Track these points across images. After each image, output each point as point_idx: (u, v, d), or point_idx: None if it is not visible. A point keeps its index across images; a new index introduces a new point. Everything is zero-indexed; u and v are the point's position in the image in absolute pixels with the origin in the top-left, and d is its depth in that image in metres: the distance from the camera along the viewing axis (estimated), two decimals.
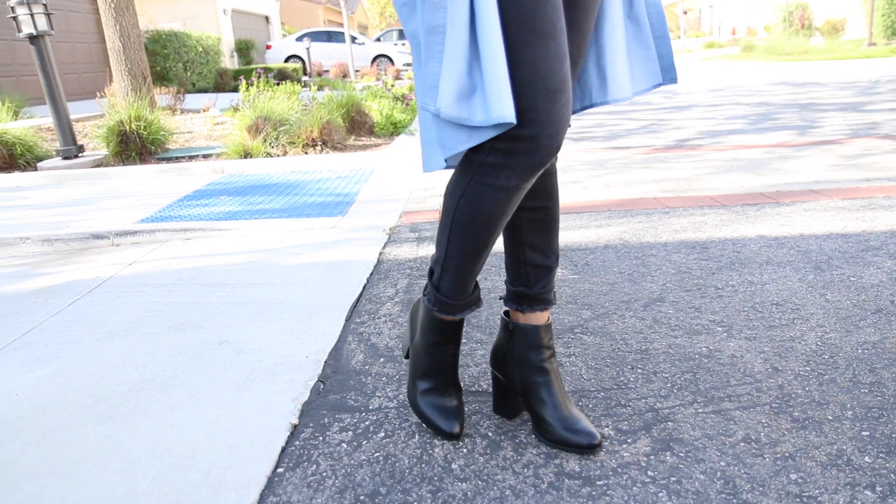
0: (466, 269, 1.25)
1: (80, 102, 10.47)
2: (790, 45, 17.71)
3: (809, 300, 1.93)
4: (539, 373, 1.30)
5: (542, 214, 1.30)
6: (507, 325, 1.36)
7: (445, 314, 1.31)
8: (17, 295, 2.46)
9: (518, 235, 1.31)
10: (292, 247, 2.80)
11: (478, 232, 1.19)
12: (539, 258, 1.31)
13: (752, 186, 3.43)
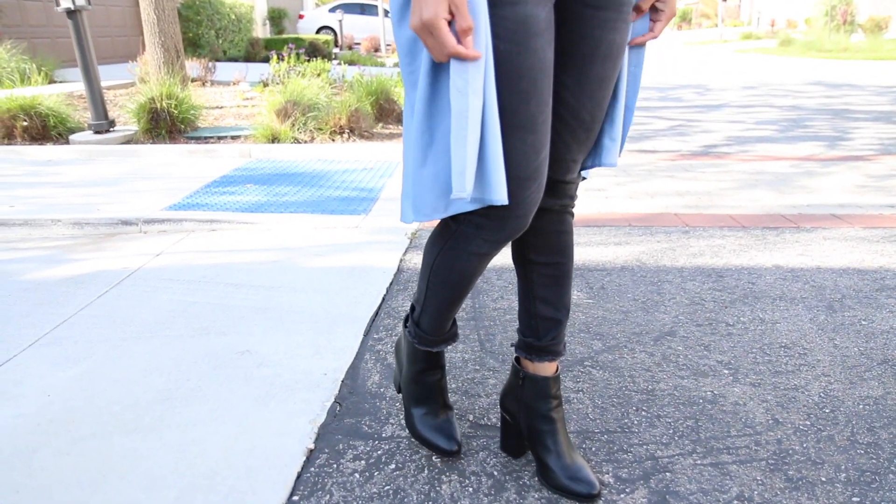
0: (443, 313, 1.38)
1: (112, 66, 10.57)
2: (830, 42, 17.33)
3: (818, 344, 1.96)
4: (545, 421, 1.37)
5: (555, 270, 1.35)
6: (517, 371, 1.41)
7: (425, 346, 1.44)
8: (48, 283, 2.55)
9: (531, 289, 1.37)
10: (315, 247, 2.86)
11: (452, 286, 1.32)
12: (549, 311, 1.37)
13: (775, 206, 3.43)
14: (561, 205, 1.30)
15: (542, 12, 1.08)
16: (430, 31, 0.99)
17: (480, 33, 1.02)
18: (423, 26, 0.99)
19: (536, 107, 1.10)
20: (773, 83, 10.91)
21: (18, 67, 8.07)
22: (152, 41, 6.50)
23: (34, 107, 5.12)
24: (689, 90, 9.85)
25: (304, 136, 4.93)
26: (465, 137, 1.03)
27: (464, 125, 1.03)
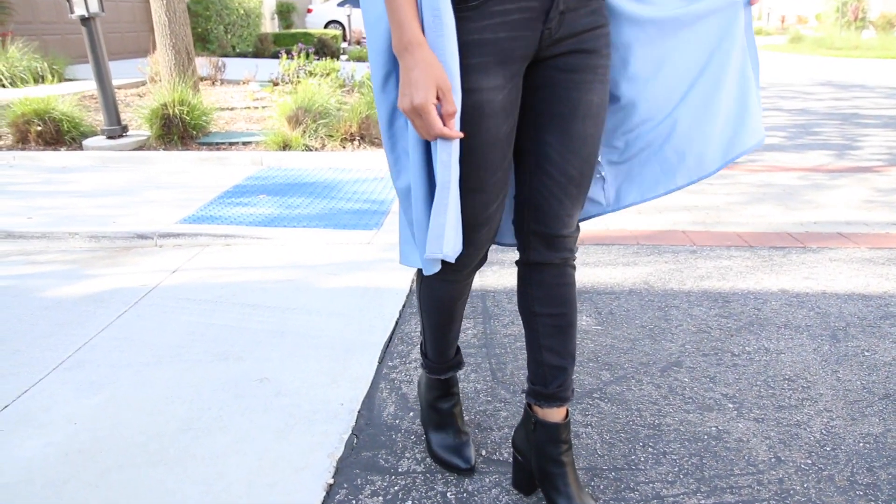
0: (441, 340, 1.59)
1: (122, 62, 10.63)
2: (840, 39, 17.24)
3: (821, 377, 2.01)
4: (556, 465, 1.43)
5: (558, 321, 1.41)
6: (529, 416, 1.48)
7: (435, 374, 1.65)
8: (69, 301, 2.62)
9: (536, 339, 1.44)
10: (328, 265, 2.92)
11: (439, 312, 1.52)
12: (555, 360, 1.43)
13: (782, 223, 3.47)
14: (561, 258, 1.37)
15: (497, 97, 1.20)
16: (419, 114, 1.09)
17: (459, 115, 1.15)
18: (414, 110, 1.09)
19: (486, 173, 1.25)
20: (782, 83, 10.89)
21: (30, 66, 8.14)
22: (163, 43, 6.54)
23: (48, 111, 5.18)
24: None
25: (315, 142, 4.97)
26: (447, 205, 1.14)
27: (446, 195, 1.14)
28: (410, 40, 1.09)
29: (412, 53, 1.09)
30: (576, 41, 1.23)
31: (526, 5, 1.17)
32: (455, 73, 1.12)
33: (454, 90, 1.11)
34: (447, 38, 1.11)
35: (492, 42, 1.17)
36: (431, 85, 1.08)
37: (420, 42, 1.10)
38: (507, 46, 1.18)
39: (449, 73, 1.11)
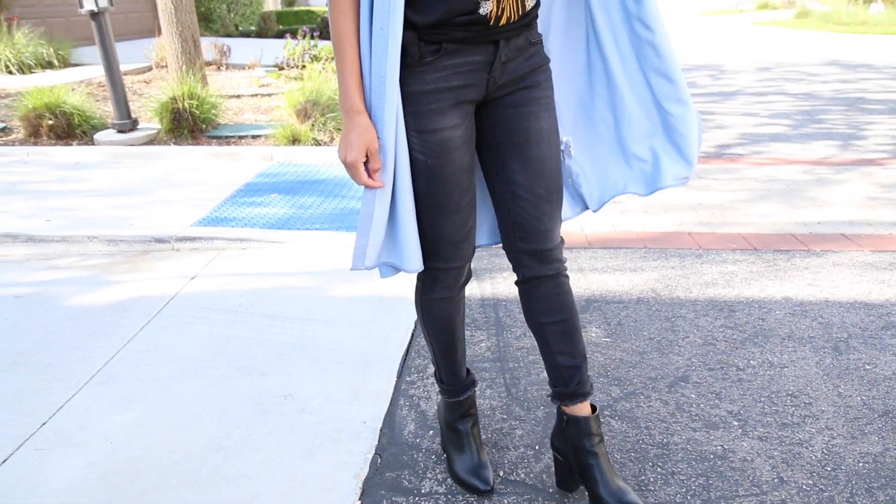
0: (451, 361, 1.71)
1: (127, 44, 10.58)
2: (847, 14, 17.07)
3: (822, 393, 2.09)
4: (591, 456, 1.57)
5: (563, 326, 1.57)
6: (561, 415, 1.63)
7: (452, 397, 1.75)
8: (93, 310, 2.70)
9: (548, 346, 1.60)
10: (343, 271, 2.99)
11: (443, 333, 1.66)
12: (568, 361, 1.58)
13: (785, 223, 3.53)
14: (553, 269, 1.54)
15: (457, 132, 1.41)
16: (351, 168, 1.35)
17: (388, 169, 1.36)
18: (347, 164, 1.35)
19: (458, 196, 1.46)
20: (788, 63, 10.84)
21: (36, 53, 8.14)
22: (170, 31, 6.54)
23: (59, 105, 5.22)
24: (703, 73, 9.82)
25: (324, 136, 5.02)
26: (369, 232, 1.40)
27: (367, 225, 1.40)
28: (351, 107, 1.33)
29: (351, 119, 1.33)
30: (518, 81, 1.43)
31: (472, 59, 1.37)
32: (387, 139, 1.34)
33: (382, 150, 1.35)
34: (387, 105, 1.31)
35: (446, 90, 1.37)
36: (363, 147, 1.33)
37: (359, 110, 1.33)
38: (459, 92, 1.39)
39: (381, 138, 1.34)
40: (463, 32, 1.32)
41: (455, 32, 1.32)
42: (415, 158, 1.41)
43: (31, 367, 2.31)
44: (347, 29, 1.31)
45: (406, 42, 1.31)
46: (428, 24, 1.30)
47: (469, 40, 1.34)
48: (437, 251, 1.51)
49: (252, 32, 13.25)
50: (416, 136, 1.39)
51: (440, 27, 1.31)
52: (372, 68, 1.30)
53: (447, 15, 1.29)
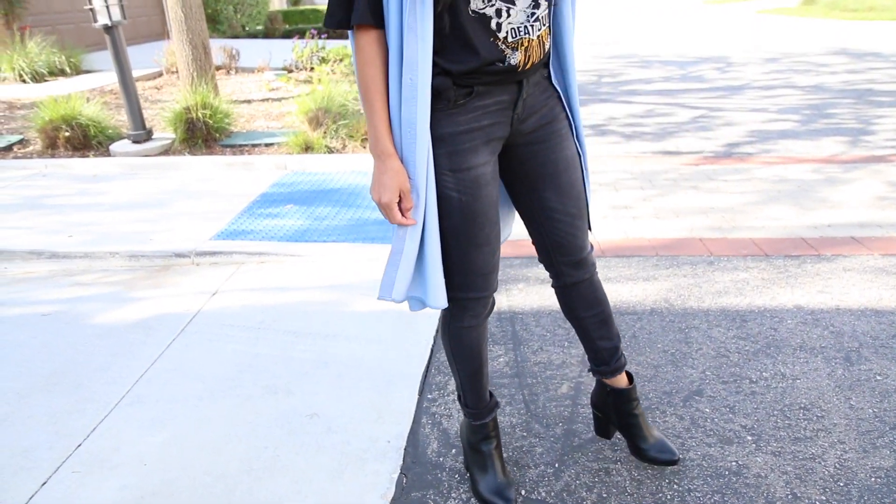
0: (478, 385, 1.79)
1: (136, 48, 10.65)
2: (854, 1, 16.95)
3: (834, 405, 2.14)
4: (632, 417, 1.86)
5: (600, 316, 1.79)
6: (603, 386, 1.89)
7: (476, 420, 1.83)
8: (119, 328, 2.78)
9: (588, 333, 1.81)
10: (361, 284, 3.06)
11: (471, 359, 1.74)
12: (607, 343, 1.82)
13: (796, 227, 3.56)
14: (588, 273, 1.74)
15: (488, 169, 1.51)
16: (385, 208, 1.43)
17: (419, 208, 1.45)
18: (381, 205, 1.44)
19: (489, 229, 1.55)
20: (795, 53, 10.81)
21: (49, 61, 8.23)
22: (180, 38, 6.59)
23: (75, 117, 5.30)
24: (710, 65, 9.80)
25: (336, 143, 5.08)
26: (398, 266, 1.49)
27: (397, 259, 1.49)
28: (383, 151, 1.41)
29: (384, 162, 1.41)
30: (537, 116, 1.55)
31: (500, 99, 1.47)
32: (419, 179, 1.42)
33: (414, 189, 1.43)
34: (418, 148, 1.40)
35: (478, 129, 1.47)
36: (396, 189, 1.41)
37: (390, 153, 1.41)
38: (489, 131, 1.49)
39: (413, 179, 1.42)
40: (493, 77, 1.42)
41: (486, 77, 1.42)
42: (448, 196, 1.48)
43: (64, 387, 2.39)
44: (375, 78, 1.38)
45: (441, 87, 1.39)
46: (462, 73, 1.39)
47: (498, 83, 1.44)
48: (467, 282, 1.59)
49: (259, 33, 13.29)
50: (451, 175, 1.47)
51: (473, 74, 1.40)
52: (402, 115, 1.38)
53: (480, 65, 1.38)
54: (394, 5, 1.31)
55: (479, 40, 1.37)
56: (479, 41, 1.37)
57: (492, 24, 1.37)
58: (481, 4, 1.35)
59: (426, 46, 1.32)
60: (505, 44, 1.39)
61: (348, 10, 1.34)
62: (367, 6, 1.32)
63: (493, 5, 1.36)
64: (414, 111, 1.36)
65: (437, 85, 1.39)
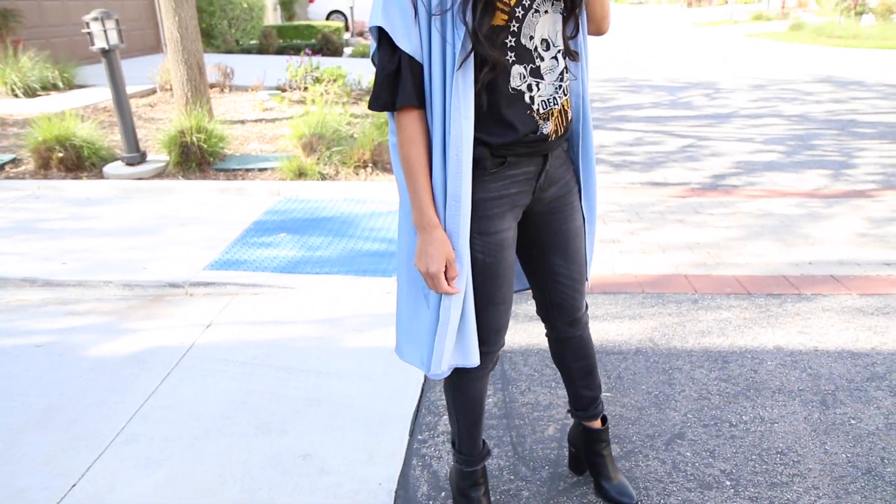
0: (475, 433, 1.88)
1: (130, 62, 10.70)
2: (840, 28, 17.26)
3: (810, 450, 2.22)
4: (600, 457, 2.01)
5: (586, 368, 1.94)
6: (579, 425, 2.05)
7: (468, 467, 1.91)
8: (113, 361, 2.82)
9: (573, 382, 1.96)
10: (353, 318, 3.12)
11: (472, 408, 1.83)
12: (588, 392, 1.97)
13: (778, 264, 3.66)
14: (580, 330, 1.88)
15: (510, 234, 1.64)
16: (432, 277, 1.49)
17: (462, 276, 1.53)
18: (428, 274, 1.49)
19: (506, 288, 1.66)
20: (782, 80, 11.01)
21: (41, 76, 8.25)
22: (176, 59, 6.65)
23: (69, 138, 5.33)
24: (699, 91, 9.97)
25: (330, 169, 5.14)
26: (445, 338, 1.55)
27: (445, 329, 1.55)
28: (429, 223, 1.48)
29: (429, 233, 1.48)
30: (556, 188, 1.68)
31: (527, 170, 1.59)
32: (462, 249, 1.51)
33: (458, 260, 1.51)
34: (462, 220, 1.49)
35: (506, 196, 1.58)
36: (443, 258, 1.48)
37: (436, 224, 1.48)
38: (515, 198, 1.60)
39: (456, 248, 1.50)
40: (526, 149, 1.54)
41: (520, 149, 1.54)
42: (474, 258, 1.59)
43: (58, 423, 2.43)
44: (419, 155, 1.46)
45: (480, 157, 1.49)
46: (500, 144, 1.50)
47: (528, 154, 1.56)
48: (480, 338, 1.68)
49: (253, 48, 13.37)
50: (478, 238, 1.57)
51: (509, 146, 1.51)
52: (448, 189, 1.46)
53: (517, 136, 1.50)
54: (437, 88, 1.40)
55: (515, 114, 1.49)
56: (515, 115, 1.49)
57: (526, 98, 1.50)
58: (518, 82, 1.48)
59: (469, 124, 1.42)
60: (538, 115, 1.52)
61: (393, 93, 1.43)
62: (413, 90, 1.41)
63: (527, 81, 1.48)
64: (459, 185, 1.45)
65: (477, 155, 1.48)
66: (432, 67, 1.40)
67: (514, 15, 1.43)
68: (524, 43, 1.46)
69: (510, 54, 1.45)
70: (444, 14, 1.36)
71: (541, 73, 1.50)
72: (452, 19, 1.36)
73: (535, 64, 1.49)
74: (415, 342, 1.67)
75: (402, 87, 1.41)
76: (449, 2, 1.35)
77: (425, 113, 1.45)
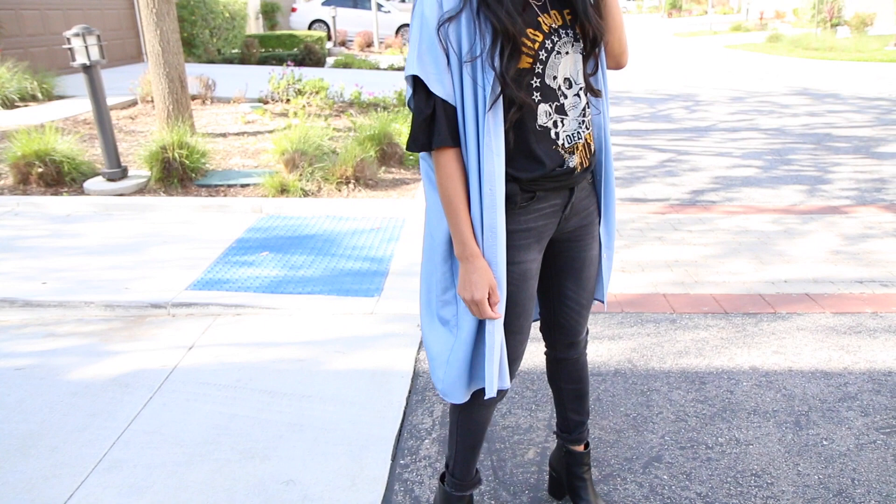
0: (472, 458, 1.91)
1: (110, 71, 10.63)
2: (816, 39, 17.57)
3: (783, 472, 2.27)
4: (580, 480, 2.06)
5: (578, 392, 2.02)
6: (562, 446, 2.09)
7: (459, 491, 1.94)
8: (95, 385, 2.82)
9: (563, 404, 2.04)
10: (336, 340, 3.14)
11: (476, 434, 1.88)
12: (576, 416, 2.05)
13: (755, 283, 3.73)
14: (579, 353, 1.97)
15: (534, 265, 1.70)
16: (476, 304, 1.56)
17: (502, 301, 1.61)
18: (473, 302, 1.56)
19: (524, 319, 1.73)
20: (760, 92, 11.18)
21: (20, 87, 8.19)
22: (157, 72, 6.64)
23: (49, 153, 5.30)
24: (678, 104, 10.10)
25: (312, 185, 5.16)
26: (492, 359, 1.61)
27: (492, 353, 1.61)
28: (471, 253, 1.56)
29: (472, 263, 1.56)
30: (579, 218, 1.76)
31: (554, 203, 1.67)
32: (501, 275, 1.58)
33: (499, 286, 1.58)
34: (499, 249, 1.56)
35: (533, 228, 1.66)
36: (486, 285, 1.55)
37: (477, 254, 1.56)
38: (542, 230, 1.68)
39: (496, 275, 1.57)
40: (554, 183, 1.63)
41: (548, 184, 1.62)
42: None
43: (40, 450, 2.42)
44: (458, 190, 1.55)
45: (511, 192, 1.58)
46: (530, 179, 1.59)
47: (555, 189, 1.64)
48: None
49: (235, 58, 13.35)
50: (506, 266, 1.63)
51: (538, 180, 1.60)
52: (484, 221, 1.55)
53: (545, 171, 1.59)
54: (471, 128, 1.50)
55: (542, 149, 1.58)
56: (542, 150, 1.58)
57: (552, 133, 1.58)
58: (544, 119, 1.57)
59: (501, 160, 1.51)
60: (563, 149, 1.60)
61: (430, 135, 1.53)
62: (448, 131, 1.51)
63: (552, 118, 1.58)
64: (494, 216, 1.53)
65: (508, 192, 1.57)
66: (465, 109, 1.50)
67: (538, 58, 1.52)
68: (548, 83, 1.56)
69: (536, 94, 1.54)
70: (475, 60, 1.46)
71: (565, 110, 1.59)
72: (482, 65, 1.46)
73: (559, 102, 1.58)
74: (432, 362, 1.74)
75: (437, 129, 1.51)
76: (478, 49, 1.45)
77: (461, 151, 1.54)
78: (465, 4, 1.44)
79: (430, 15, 1.46)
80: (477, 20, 1.45)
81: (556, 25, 1.54)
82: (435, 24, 1.45)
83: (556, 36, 1.54)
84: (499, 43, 1.45)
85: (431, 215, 1.65)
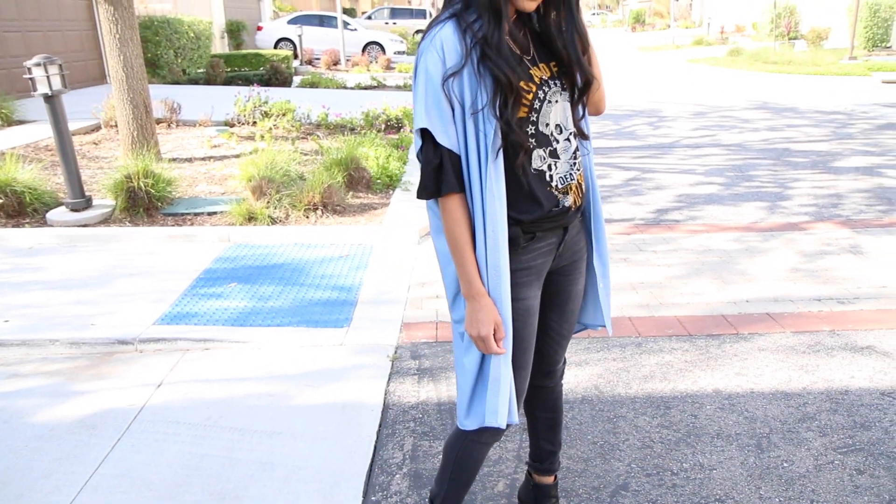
0: (460, 494, 1.95)
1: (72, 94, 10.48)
2: (775, 53, 18.05)
3: (746, 496, 2.33)
4: None
5: (551, 421, 2.10)
6: (530, 478, 2.20)
7: None
8: (61, 427, 2.78)
9: (536, 433, 2.12)
10: (305, 374, 3.14)
11: (471, 470, 1.92)
12: (549, 446, 2.13)
13: (717, 303, 3.82)
14: (555, 382, 2.06)
15: (536, 301, 1.79)
16: (483, 341, 1.64)
17: (508, 337, 1.68)
18: (479, 338, 1.65)
19: (528, 353, 1.80)
20: (722, 107, 11.44)
21: None
22: (121, 98, 6.59)
23: (9, 184, 5.22)
24: (642, 120, 10.29)
25: (280, 212, 5.15)
26: (499, 392, 1.67)
27: (498, 387, 1.68)
28: (478, 291, 1.64)
29: (478, 301, 1.64)
30: (570, 253, 1.86)
31: (550, 241, 1.77)
32: (506, 312, 1.66)
33: (504, 323, 1.65)
34: (503, 287, 1.65)
35: (533, 266, 1.76)
36: (492, 322, 1.64)
37: (483, 293, 1.64)
38: (541, 268, 1.78)
39: (501, 313, 1.65)
40: (551, 223, 1.73)
41: (546, 224, 1.72)
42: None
43: (4, 499, 2.39)
44: (464, 233, 1.65)
45: (514, 235, 1.68)
46: (531, 220, 1.69)
47: (552, 228, 1.75)
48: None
49: (201, 78, 13.27)
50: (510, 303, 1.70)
51: (538, 221, 1.70)
52: (489, 261, 1.63)
53: (543, 212, 1.69)
54: (475, 174, 1.61)
55: (539, 192, 1.68)
56: (539, 192, 1.68)
57: (546, 176, 1.69)
58: (539, 163, 1.67)
59: (502, 204, 1.61)
60: (557, 190, 1.71)
61: (438, 183, 1.63)
62: (454, 178, 1.62)
63: (546, 162, 1.68)
64: (498, 256, 1.63)
65: (512, 234, 1.67)
66: (469, 157, 1.61)
67: (533, 106, 1.65)
68: (542, 129, 1.67)
69: (531, 140, 1.66)
70: (478, 112, 1.57)
71: (557, 153, 1.70)
72: (484, 115, 1.57)
73: (552, 146, 1.69)
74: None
75: (444, 177, 1.62)
76: (480, 103, 1.57)
77: (465, 197, 1.64)
78: (468, 60, 1.55)
79: (434, 71, 1.56)
80: (478, 74, 1.56)
81: (546, 77, 1.67)
82: (440, 79, 1.56)
83: (547, 86, 1.66)
84: (501, 93, 1.56)
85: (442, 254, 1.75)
